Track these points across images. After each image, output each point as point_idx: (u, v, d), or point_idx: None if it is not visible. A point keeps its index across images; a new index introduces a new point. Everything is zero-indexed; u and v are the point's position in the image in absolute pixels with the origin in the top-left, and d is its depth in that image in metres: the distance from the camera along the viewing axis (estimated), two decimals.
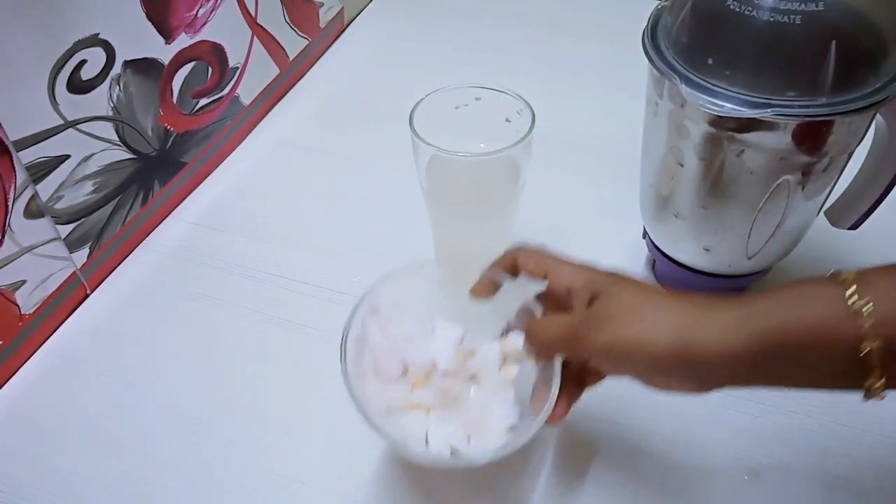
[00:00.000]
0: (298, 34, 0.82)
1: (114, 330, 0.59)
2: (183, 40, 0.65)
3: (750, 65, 0.43)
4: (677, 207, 0.52)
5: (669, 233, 0.55)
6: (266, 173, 0.73)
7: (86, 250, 0.60)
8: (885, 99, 0.42)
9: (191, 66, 0.67)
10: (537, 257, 0.43)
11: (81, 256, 0.60)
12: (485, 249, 0.47)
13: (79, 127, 0.56)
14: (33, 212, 0.54)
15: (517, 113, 0.52)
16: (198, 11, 0.65)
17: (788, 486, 0.48)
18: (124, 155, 0.62)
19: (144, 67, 0.61)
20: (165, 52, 0.63)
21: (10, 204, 0.52)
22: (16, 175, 0.52)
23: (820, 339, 0.34)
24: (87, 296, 0.62)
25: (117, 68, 0.59)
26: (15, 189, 0.53)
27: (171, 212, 0.69)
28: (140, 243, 0.66)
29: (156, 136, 0.65)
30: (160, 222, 0.68)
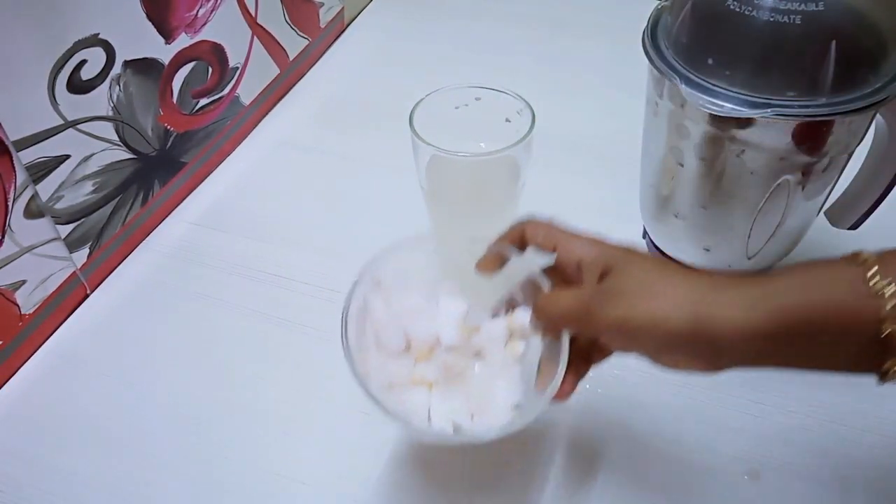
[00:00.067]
0: (298, 34, 0.82)
1: (114, 330, 0.59)
2: (183, 40, 0.65)
3: (750, 65, 0.43)
4: (677, 207, 0.52)
5: (669, 233, 0.55)
6: (266, 173, 0.73)
7: (86, 250, 0.60)
8: (885, 99, 0.42)
9: (191, 66, 0.67)
10: (547, 229, 0.42)
11: (81, 256, 0.60)
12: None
13: (79, 127, 0.56)
14: (33, 212, 0.54)
15: (517, 113, 0.52)
16: (198, 11, 0.65)
17: (788, 486, 0.48)
18: (124, 155, 0.62)
19: (144, 67, 0.61)
20: (165, 52, 0.63)
21: (10, 204, 0.53)
22: (16, 175, 0.52)
23: (840, 320, 0.33)
24: (87, 296, 0.62)
25: (117, 68, 0.59)
26: (15, 189, 0.53)
27: (171, 212, 0.69)
28: (140, 243, 0.66)
29: (156, 136, 0.65)
30: (160, 222, 0.68)
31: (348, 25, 0.93)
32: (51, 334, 0.59)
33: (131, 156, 0.62)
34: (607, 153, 0.71)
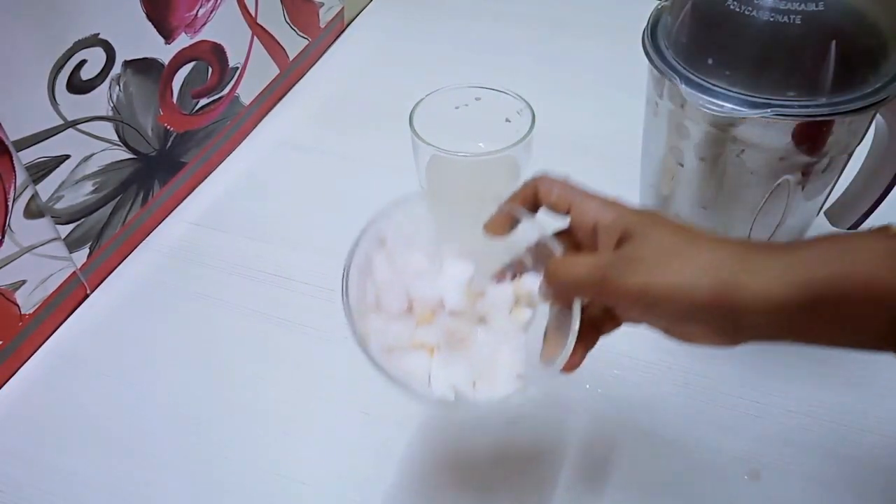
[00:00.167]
0: (298, 34, 0.82)
1: (114, 330, 0.59)
2: (183, 40, 0.65)
3: (750, 65, 0.43)
4: (677, 207, 0.52)
5: None
6: (266, 173, 0.73)
7: (86, 250, 0.60)
8: (885, 99, 0.42)
9: (191, 66, 0.67)
10: (561, 188, 0.39)
11: (81, 256, 0.60)
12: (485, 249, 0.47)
13: (79, 127, 0.56)
14: (33, 212, 0.55)
15: (517, 113, 0.52)
16: (198, 11, 0.66)
17: (788, 486, 0.48)
18: (124, 155, 0.62)
19: (144, 67, 0.61)
20: (165, 52, 0.63)
21: (10, 204, 0.53)
22: (16, 175, 0.52)
23: (870, 294, 0.31)
24: (87, 296, 0.62)
25: (117, 68, 0.59)
26: (15, 189, 0.53)
27: (171, 212, 0.69)
28: (140, 243, 0.66)
29: (156, 136, 0.65)
30: (160, 222, 0.68)
31: (348, 25, 0.93)
32: (51, 334, 0.59)
33: (131, 156, 0.62)
34: (607, 153, 0.71)
